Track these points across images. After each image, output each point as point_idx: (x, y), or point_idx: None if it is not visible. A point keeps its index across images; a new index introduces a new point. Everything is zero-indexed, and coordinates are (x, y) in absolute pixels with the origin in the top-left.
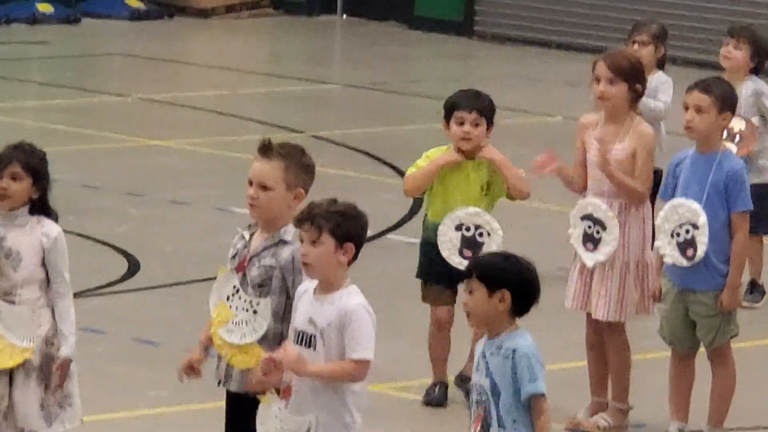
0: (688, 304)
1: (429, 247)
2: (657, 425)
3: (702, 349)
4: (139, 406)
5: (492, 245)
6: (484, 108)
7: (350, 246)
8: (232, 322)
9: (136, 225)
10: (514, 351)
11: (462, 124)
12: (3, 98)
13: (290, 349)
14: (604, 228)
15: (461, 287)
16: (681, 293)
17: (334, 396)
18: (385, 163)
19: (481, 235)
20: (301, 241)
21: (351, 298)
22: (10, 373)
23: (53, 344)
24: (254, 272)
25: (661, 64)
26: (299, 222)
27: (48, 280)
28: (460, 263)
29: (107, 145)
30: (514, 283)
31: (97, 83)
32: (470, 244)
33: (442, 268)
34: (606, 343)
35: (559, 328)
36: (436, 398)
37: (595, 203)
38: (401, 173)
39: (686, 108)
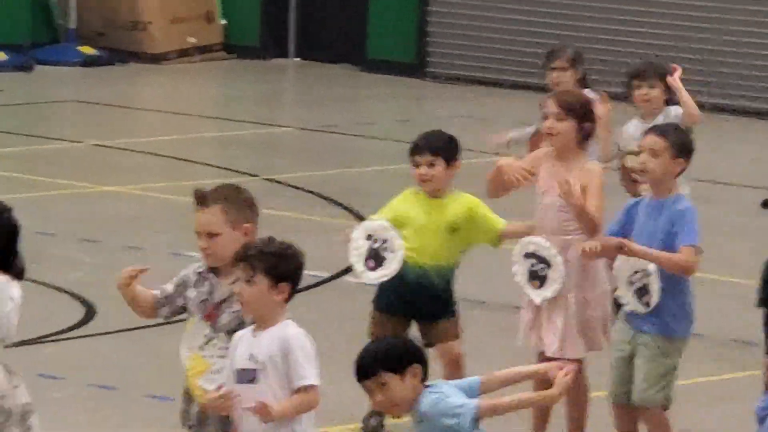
0: (636, 347)
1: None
2: None
3: None
4: None
5: (393, 263)
6: (437, 147)
7: (285, 285)
8: (211, 371)
9: (90, 271)
10: None
11: (418, 166)
12: None
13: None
14: (548, 265)
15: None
16: (633, 336)
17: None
18: (339, 205)
19: (385, 249)
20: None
21: (289, 329)
22: None
23: None
24: (225, 319)
25: (584, 85)
26: (235, 261)
27: None
28: (362, 272)
29: (60, 192)
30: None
31: (50, 130)
32: (375, 255)
33: (394, 298)
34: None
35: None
36: (371, 427)
37: (538, 241)
38: (355, 215)
39: (641, 151)
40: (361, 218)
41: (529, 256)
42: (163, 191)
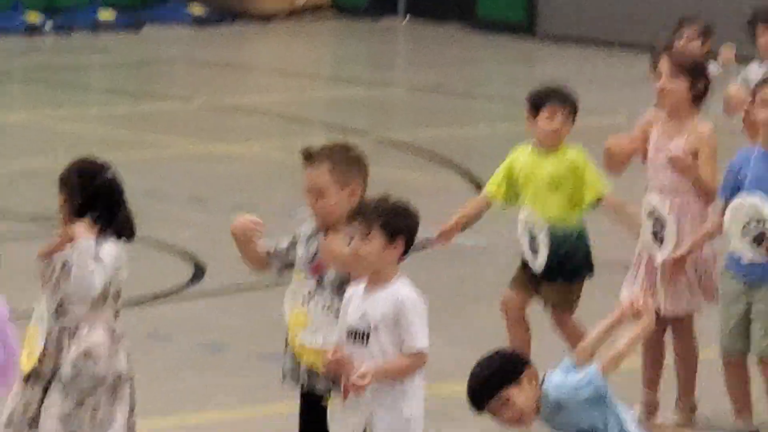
0: (753, 301)
1: None
2: (722, 422)
3: None
4: (207, 411)
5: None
6: (572, 103)
7: (400, 243)
8: (312, 326)
9: (200, 231)
10: None
11: (553, 117)
12: (66, 106)
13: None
14: (663, 224)
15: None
16: (748, 289)
17: (394, 390)
18: (451, 165)
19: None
20: (353, 236)
21: (402, 289)
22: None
23: (91, 361)
24: (332, 274)
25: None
26: (351, 218)
27: (105, 299)
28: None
29: (170, 152)
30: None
31: (159, 90)
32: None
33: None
34: (674, 339)
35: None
36: None
37: (653, 201)
38: (467, 175)
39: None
40: (471, 178)
41: (649, 215)
42: (274, 150)
